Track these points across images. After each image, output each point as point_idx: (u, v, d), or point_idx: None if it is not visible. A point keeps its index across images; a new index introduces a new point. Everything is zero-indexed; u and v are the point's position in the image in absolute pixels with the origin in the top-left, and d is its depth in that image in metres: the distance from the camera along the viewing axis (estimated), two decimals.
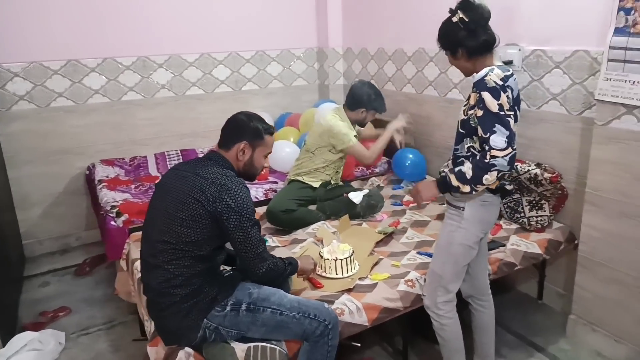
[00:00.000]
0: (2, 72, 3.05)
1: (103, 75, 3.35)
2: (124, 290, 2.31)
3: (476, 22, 1.57)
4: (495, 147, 1.49)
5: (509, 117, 1.51)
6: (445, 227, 1.74)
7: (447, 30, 1.63)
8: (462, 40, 1.59)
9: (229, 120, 1.72)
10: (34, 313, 2.58)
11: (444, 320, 1.78)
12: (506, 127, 1.50)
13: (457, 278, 1.77)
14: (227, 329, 1.56)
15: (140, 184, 3.10)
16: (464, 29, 1.58)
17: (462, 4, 1.59)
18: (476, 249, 1.74)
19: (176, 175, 1.62)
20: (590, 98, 2.18)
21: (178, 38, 3.52)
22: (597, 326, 2.16)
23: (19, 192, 3.20)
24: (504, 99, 1.51)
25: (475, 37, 1.58)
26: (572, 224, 2.38)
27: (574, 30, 2.21)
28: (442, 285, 1.76)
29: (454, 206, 1.70)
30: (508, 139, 1.50)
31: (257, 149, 1.68)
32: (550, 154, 2.40)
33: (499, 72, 1.54)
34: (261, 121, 1.70)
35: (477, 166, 1.53)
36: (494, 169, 1.50)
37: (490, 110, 1.51)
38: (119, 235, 2.47)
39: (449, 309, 1.78)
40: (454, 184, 1.58)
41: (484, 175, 1.51)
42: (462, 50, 1.61)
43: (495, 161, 1.50)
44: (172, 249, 1.51)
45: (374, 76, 3.70)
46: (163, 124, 3.62)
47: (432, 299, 1.79)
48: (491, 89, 1.51)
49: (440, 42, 1.68)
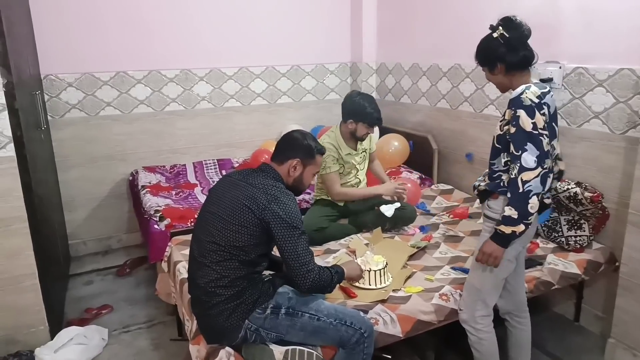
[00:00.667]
0: (58, 82, 3.26)
1: (148, 87, 3.52)
2: (164, 291, 2.40)
3: (517, 38, 1.60)
4: (526, 165, 1.51)
5: (542, 136, 1.53)
6: (483, 241, 1.74)
7: (487, 46, 1.66)
8: (501, 56, 1.62)
9: (284, 136, 1.81)
10: (79, 309, 2.71)
11: (482, 335, 1.78)
12: (538, 146, 1.52)
13: (496, 292, 1.76)
14: (267, 331, 1.61)
15: (180, 190, 3.23)
16: (504, 45, 1.60)
17: (504, 21, 1.62)
18: (514, 263, 1.74)
19: (229, 182, 1.70)
20: (634, 117, 2.15)
21: (218, 52, 3.68)
22: (638, 351, 2.09)
23: (66, 194, 3.38)
24: (538, 118, 1.52)
25: (515, 53, 1.60)
26: (613, 245, 2.33)
27: (618, 48, 2.19)
28: (481, 298, 1.76)
29: (491, 219, 1.70)
30: (538, 159, 1.51)
31: (308, 167, 1.76)
32: (590, 172, 2.36)
33: (536, 90, 1.56)
34: (314, 140, 1.79)
35: (516, 202, 1.53)
36: (532, 194, 1.51)
37: (523, 128, 1.53)
38: (161, 239, 2.57)
39: (486, 323, 1.78)
40: (509, 232, 1.56)
41: (527, 207, 1.52)
42: (500, 65, 1.64)
43: (528, 187, 1.51)
44: (221, 250, 1.58)
45: (407, 91, 3.74)
46: (201, 134, 3.77)
47: (470, 313, 1.79)
48: (527, 107, 1.53)
49: (479, 57, 1.70)
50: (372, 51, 4.05)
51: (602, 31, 2.24)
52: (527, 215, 1.53)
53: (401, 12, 3.69)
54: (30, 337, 2.26)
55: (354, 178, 2.75)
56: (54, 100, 3.26)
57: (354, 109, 2.57)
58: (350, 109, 2.58)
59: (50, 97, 3.24)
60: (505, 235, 1.58)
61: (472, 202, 3.03)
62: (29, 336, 2.26)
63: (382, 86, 4.07)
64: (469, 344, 1.84)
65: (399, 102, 3.86)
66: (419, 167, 3.51)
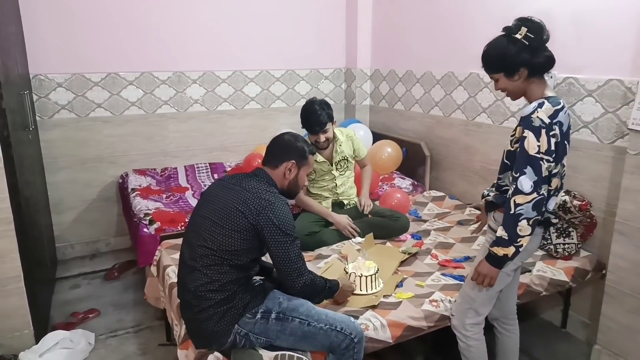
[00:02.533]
0: (47, 82, 3.22)
1: (140, 89, 3.49)
2: (153, 295, 2.38)
3: (541, 39, 1.51)
4: (521, 189, 1.48)
5: (542, 160, 1.47)
6: (484, 252, 1.70)
7: (507, 48, 1.52)
8: (525, 59, 1.50)
9: (275, 139, 1.81)
10: (65, 313, 2.67)
11: (471, 342, 1.78)
12: (537, 171, 1.47)
13: (489, 303, 1.77)
14: (257, 335, 1.60)
15: (171, 194, 3.20)
16: (529, 47, 1.50)
17: (524, 21, 1.52)
18: (512, 276, 1.75)
19: (223, 186, 1.70)
20: (622, 127, 2.18)
21: (212, 55, 3.67)
22: (622, 358, 2.11)
23: (54, 196, 3.33)
24: (544, 141, 1.47)
25: (540, 54, 1.51)
26: (600, 253, 2.35)
27: (607, 59, 2.23)
28: (474, 308, 1.76)
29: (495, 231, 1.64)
30: (535, 184, 1.47)
31: (302, 168, 1.78)
32: (579, 181, 2.39)
33: (549, 107, 1.49)
34: (305, 142, 1.81)
35: (507, 223, 1.52)
36: (522, 218, 1.49)
37: (527, 151, 1.48)
38: (150, 242, 2.55)
39: (476, 330, 1.78)
40: (501, 254, 1.55)
41: (516, 229, 1.50)
42: (523, 69, 1.53)
43: (520, 210, 1.48)
44: (213, 255, 1.57)
45: (401, 98, 3.76)
46: (193, 137, 3.74)
47: (460, 320, 1.79)
48: (535, 129, 1.47)
49: (496, 62, 1.56)
50: (367, 57, 4.07)
51: (593, 42, 2.28)
52: (516, 237, 1.51)
53: (396, 19, 3.72)
54: (14, 341, 2.21)
55: (330, 182, 2.74)
56: (42, 101, 3.22)
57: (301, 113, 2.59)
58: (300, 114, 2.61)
59: (39, 97, 3.20)
60: (498, 257, 1.57)
61: (463, 209, 3.05)
62: (13, 340, 2.21)
63: (376, 92, 4.09)
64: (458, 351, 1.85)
65: (393, 109, 3.88)
66: (411, 174, 3.53)
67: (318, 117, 2.52)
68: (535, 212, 1.49)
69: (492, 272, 1.61)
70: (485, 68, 1.62)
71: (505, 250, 1.54)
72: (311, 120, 2.53)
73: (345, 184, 2.79)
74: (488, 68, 1.60)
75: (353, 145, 2.77)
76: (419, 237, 2.66)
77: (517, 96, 1.63)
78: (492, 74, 1.61)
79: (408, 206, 3.02)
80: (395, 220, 2.66)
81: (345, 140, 2.74)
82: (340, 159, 2.72)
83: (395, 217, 2.67)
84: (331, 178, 2.73)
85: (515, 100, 1.65)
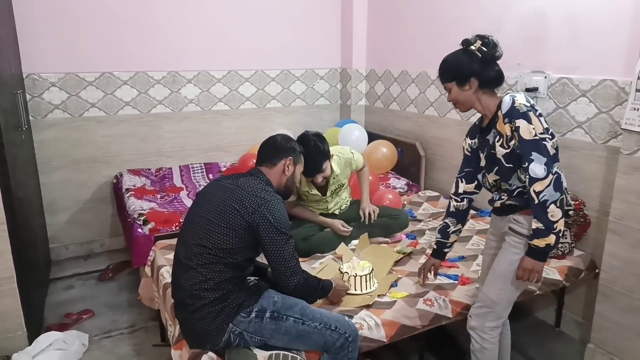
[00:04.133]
0: (40, 81, 3.20)
1: (134, 88, 3.48)
2: (147, 296, 2.37)
3: (493, 55, 1.59)
4: (535, 176, 1.48)
5: (544, 140, 1.50)
6: (508, 255, 1.69)
7: (460, 59, 1.62)
8: (477, 70, 1.58)
9: (268, 141, 1.84)
10: (59, 314, 2.65)
11: (487, 345, 1.77)
12: (542, 152, 1.48)
13: (509, 305, 1.77)
14: (251, 334, 1.60)
15: (166, 194, 3.19)
16: (481, 59, 1.58)
17: (481, 37, 1.62)
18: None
19: (218, 185, 1.71)
20: (616, 127, 2.20)
21: (207, 55, 3.66)
22: (616, 356, 2.13)
23: (48, 197, 3.31)
24: (536, 123, 1.50)
25: (491, 67, 1.60)
26: (593, 252, 2.37)
27: (601, 59, 2.24)
28: (495, 311, 1.74)
29: (519, 234, 1.65)
30: (546, 166, 1.48)
31: (297, 166, 1.82)
32: (573, 181, 2.40)
33: (521, 96, 1.55)
34: (296, 143, 1.86)
35: (537, 214, 1.51)
36: (549, 203, 1.48)
37: (524, 138, 1.50)
38: (145, 243, 2.54)
39: (494, 334, 1.77)
40: (542, 245, 1.54)
41: (548, 216, 1.49)
42: (474, 79, 1.60)
43: (543, 197, 1.48)
44: (207, 253, 1.57)
45: (396, 98, 3.77)
46: (188, 137, 3.73)
47: (481, 322, 1.77)
48: (524, 114, 1.51)
49: (448, 71, 1.65)
50: (362, 57, 4.08)
51: (586, 43, 2.29)
52: (551, 224, 1.50)
53: (391, 20, 3.73)
54: (7, 342, 2.20)
55: (322, 204, 2.61)
56: (36, 100, 3.20)
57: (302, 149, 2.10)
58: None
59: (32, 96, 3.18)
60: (541, 249, 1.55)
61: None
62: (6, 341, 2.20)
63: (371, 93, 4.09)
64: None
65: (388, 109, 3.89)
66: (406, 174, 3.53)
67: (314, 163, 2.24)
68: (559, 193, 1.50)
69: (538, 266, 1.59)
70: (440, 78, 1.69)
71: (546, 241, 1.52)
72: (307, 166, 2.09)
73: (337, 203, 2.68)
74: (442, 77, 1.68)
75: (351, 167, 2.60)
76: (414, 236, 2.66)
77: (466, 107, 1.68)
78: (445, 83, 1.67)
79: (400, 205, 3.02)
80: (395, 218, 2.64)
81: (343, 169, 2.54)
82: (336, 187, 2.59)
83: (395, 215, 2.65)
84: (324, 201, 2.60)
85: (464, 112, 1.70)
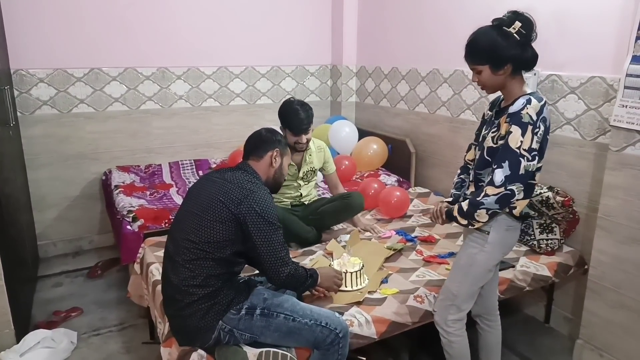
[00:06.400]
0: (28, 77, 3.15)
1: (124, 84, 3.44)
2: (136, 293, 2.35)
3: (530, 36, 1.47)
4: (494, 181, 1.50)
5: (521, 157, 1.47)
6: (467, 249, 1.73)
7: (497, 41, 1.47)
8: (515, 54, 1.47)
9: (253, 135, 1.83)
10: (47, 312, 2.62)
11: (453, 338, 1.79)
12: (512, 165, 1.47)
13: (471, 298, 1.78)
14: (241, 332, 1.59)
15: (155, 191, 3.16)
16: (519, 42, 1.46)
17: (517, 15, 1.47)
18: (493, 272, 1.76)
19: (206, 180, 1.71)
20: (604, 124, 2.22)
21: (197, 51, 3.63)
22: (604, 352, 2.15)
23: (36, 193, 3.27)
24: (527, 138, 1.46)
25: (528, 51, 1.48)
26: (582, 249, 2.39)
27: (590, 56, 2.25)
28: (456, 304, 1.77)
29: (479, 229, 1.67)
30: (506, 179, 1.48)
31: (284, 157, 1.82)
32: (562, 177, 2.42)
33: (536, 104, 1.48)
34: (281, 135, 1.86)
35: (471, 203, 1.58)
36: (482, 207, 1.53)
37: (509, 144, 1.48)
38: (134, 240, 2.52)
39: (458, 327, 1.79)
40: (454, 215, 1.64)
41: (475, 212, 1.56)
42: (510, 64, 1.49)
43: (484, 200, 1.53)
44: (195, 248, 1.56)
45: (386, 95, 3.77)
46: (178, 133, 3.71)
47: (442, 316, 1.80)
48: (522, 125, 1.47)
49: (483, 53, 1.50)
50: (353, 54, 4.07)
51: (575, 40, 2.31)
52: (472, 219, 1.58)
53: (381, 17, 3.72)
54: None
55: (295, 191, 2.64)
56: (23, 96, 3.15)
57: (281, 116, 2.48)
58: (280, 117, 2.48)
59: (20, 92, 3.14)
60: (452, 215, 1.65)
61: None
62: None
63: (361, 89, 4.09)
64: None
65: (378, 106, 3.89)
66: (397, 170, 3.54)
67: (304, 118, 2.44)
68: (498, 206, 1.53)
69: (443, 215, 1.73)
70: (469, 57, 1.54)
71: (460, 219, 1.62)
72: (296, 121, 2.43)
73: (310, 194, 2.72)
74: (474, 57, 1.53)
75: (324, 158, 2.69)
76: (404, 233, 2.66)
77: (494, 90, 1.60)
78: (477, 65, 1.53)
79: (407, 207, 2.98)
80: (346, 198, 2.60)
81: (316, 152, 2.65)
82: (308, 170, 2.63)
83: (346, 196, 2.62)
84: (296, 187, 2.64)
85: (490, 94, 1.65)
